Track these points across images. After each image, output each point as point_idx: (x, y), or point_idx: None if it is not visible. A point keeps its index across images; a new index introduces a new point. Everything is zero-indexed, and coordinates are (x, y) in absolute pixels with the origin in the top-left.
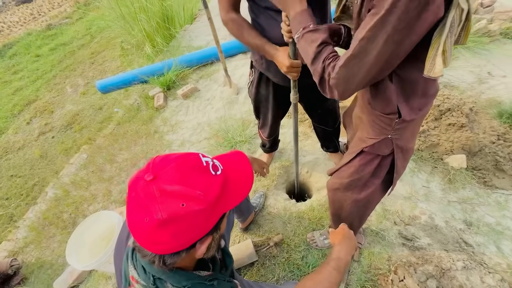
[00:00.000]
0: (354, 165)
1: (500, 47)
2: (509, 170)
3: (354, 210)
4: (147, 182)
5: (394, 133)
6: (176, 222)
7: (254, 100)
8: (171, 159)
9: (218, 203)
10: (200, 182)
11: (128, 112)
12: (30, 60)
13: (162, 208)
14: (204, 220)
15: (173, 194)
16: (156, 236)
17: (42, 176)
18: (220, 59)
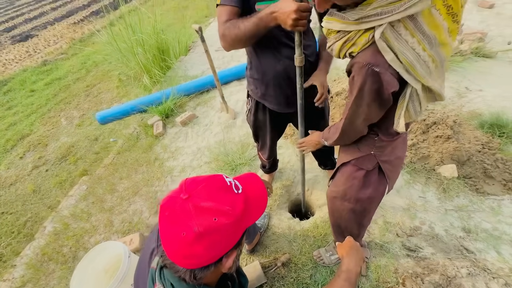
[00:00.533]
0: (346, 173)
1: (472, 64)
2: (497, 176)
3: (352, 218)
4: (184, 200)
5: (376, 150)
6: (210, 235)
7: (252, 126)
8: (200, 181)
9: (243, 217)
10: (227, 199)
11: (128, 141)
12: (24, 95)
13: (198, 222)
14: (232, 233)
15: (206, 210)
16: (191, 250)
17: (35, 211)
18: (216, 87)
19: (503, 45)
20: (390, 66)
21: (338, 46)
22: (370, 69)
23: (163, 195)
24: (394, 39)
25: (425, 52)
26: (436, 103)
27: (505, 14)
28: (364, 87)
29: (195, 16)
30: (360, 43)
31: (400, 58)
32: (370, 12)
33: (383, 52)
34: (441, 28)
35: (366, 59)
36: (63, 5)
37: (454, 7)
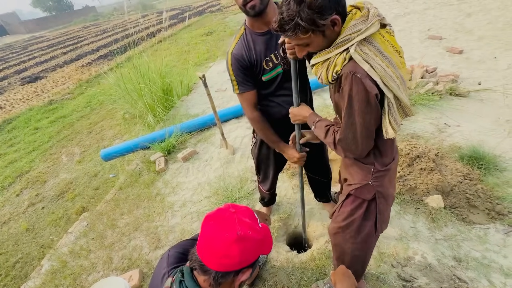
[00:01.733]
0: (347, 209)
1: (448, 102)
2: (480, 205)
3: (355, 254)
4: (232, 213)
5: (374, 180)
6: (245, 241)
7: (256, 159)
8: (240, 206)
9: (263, 243)
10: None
11: (130, 177)
12: (28, 133)
13: (240, 229)
14: (256, 249)
15: (246, 224)
16: (229, 250)
17: (27, 251)
18: (216, 124)
19: (474, 86)
20: (368, 75)
21: (324, 72)
22: (353, 76)
23: (163, 230)
24: (365, 55)
25: (389, 68)
26: (419, 137)
27: (473, 59)
28: (352, 93)
29: (196, 59)
30: (339, 62)
31: (375, 68)
32: (343, 39)
33: (360, 63)
34: (392, 53)
35: (349, 69)
36: (73, 50)
37: (395, 46)
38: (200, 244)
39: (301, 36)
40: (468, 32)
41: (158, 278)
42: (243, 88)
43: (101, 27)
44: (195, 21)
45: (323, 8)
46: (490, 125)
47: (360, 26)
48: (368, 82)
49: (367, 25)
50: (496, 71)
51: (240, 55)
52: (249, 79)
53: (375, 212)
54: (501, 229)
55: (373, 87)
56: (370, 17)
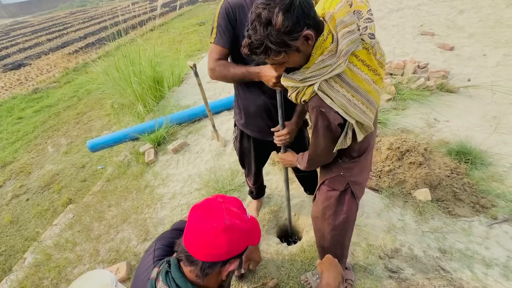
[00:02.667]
0: (323, 194)
1: (439, 98)
2: (466, 199)
3: (334, 238)
4: (219, 202)
5: (345, 172)
6: (232, 231)
7: (238, 152)
8: (228, 196)
9: (250, 233)
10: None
11: (118, 168)
12: (11, 123)
13: (228, 218)
14: (244, 239)
15: (234, 213)
16: (217, 239)
17: (11, 243)
18: (208, 116)
19: (464, 82)
20: (331, 108)
21: (293, 96)
22: (319, 110)
23: (152, 222)
24: (328, 89)
25: (354, 97)
26: (409, 132)
27: (463, 55)
28: (318, 123)
29: (188, 50)
30: (308, 93)
31: (336, 102)
32: (308, 75)
33: (323, 98)
34: (362, 80)
35: (315, 103)
36: (59, 36)
37: (371, 65)
38: (186, 234)
39: (275, 58)
40: (460, 29)
41: (144, 270)
42: (219, 39)
43: (89, 13)
44: (187, 10)
45: (291, 27)
46: (478, 121)
47: (328, 62)
48: (332, 114)
49: (333, 65)
50: (485, 68)
51: (233, 5)
52: (228, 35)
53: (349, 198)
54: (485, 221)
55: (336, 118)
56: (337, 55)
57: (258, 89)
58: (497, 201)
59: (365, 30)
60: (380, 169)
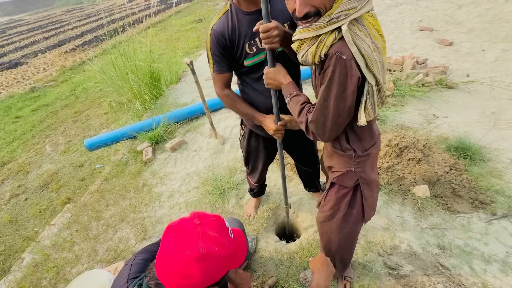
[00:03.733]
0: (332, 198)
1: (437, 94)
2: (465, 195)
3: (341, 242)
4: (196, 225)
5: (356, 167)
6: (208, 260)
7: (245, 151)
8: (208, 215)
9: (231, 257)
10: (225, 236)
11: (116, 167)
12: (8, 122)
13: (203, 246)
14: (222, 266)
15: (211, 238)
16: (189, 269)
17: (10, 243)
18: (206, 114)
19: (463, 77)
20: (353, 57)
21: (312, 51)
22: (339, 57)
23: (150, 221)
24: (354, 35)
25: (375, 53)
26: (408, 128)
27: (462, 51)
28: (334, 75)
29: (186, 47)
30: (329, 41)
31: (362, 51)
32: (336, 15)
33: (349, 44)
34: (378, 39)
35: (336, 49)
36: (56, 34)
37: (380, 30)
38: (158, 260)
39: None
40: (459, 24)
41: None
42: (218, 68)
43: (86, 11)
44: (185, 7)
45: None
46: (477, 116)
47: (354, 4)
48: (352, 64)
49: (361, 3)
50: (484, 64)
51: (221, 33)
52: (226, 61)
53: (360, 200)
54: (484, 217)
55: (356, 71)
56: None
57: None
58: (496, 197)
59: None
60: (379, 165)
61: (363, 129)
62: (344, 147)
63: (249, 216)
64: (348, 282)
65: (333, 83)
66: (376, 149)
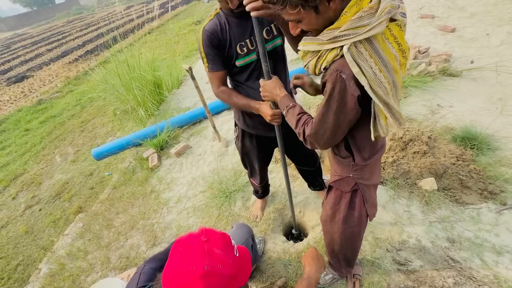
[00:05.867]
0: (332, 198)
1: (441, 83)
2: (473, 186)
3: (343, 242)
4: (203, 241)
5: (354, 173)
6: (212, 277)
7: (240, 152)
8: (216, 232)
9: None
10: (230, 255)
11: (123, 175)
12: (19, 135)
13: (208, 263)
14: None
15: (216, 256)
16: (193, 285)
17: (27, 253)
18: (208, 118)
19: (467, 64)
20: (354, 77)
21: (313, 63)
22: (338, 75)
23: (160, 227)
24: (357, 54)
25: (382, 73)
26: (412, 120)
27: (465, 36)
28: (333, 92)
29: (185, 50)
30: (330, 57)
31: (364, 72)
32: (340, 34)
33: (350, 65)
34: (392, 55)
35: (336, 67)
36: (58, 46)
37: (402, 43)
38: (165, 272)
39: (290, 12)
40: (461, 9)
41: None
42: (213, 66)
43: (86, 20)
44: (182, 10)
45: None
46: (483, 104)
47: (365, 21)
48: (352, 85)
49: (373, 23)
50: (489, 48)
51: (213, 32)
52: (219, 59)
53: (360, 201)
54: (494, 208)
55: (355, 90)
56: (379, 12)
57: (255, 89)
58: (505, 186)
59: (398, 7)
60: (384, 160)
61: (364, 139)
62: (343, 154)
63: (256, 218)
64: (357, 280)
65: (333, 100)
66: (378, 156)
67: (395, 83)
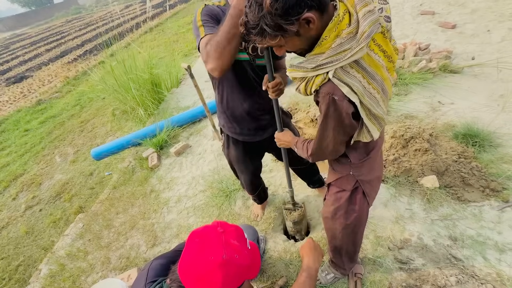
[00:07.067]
0: (333, 195)
1: (442, 80)
2: (475, 183)
3: (345, 236)
4: (220, 232)
5: (354, 171)
6: (229, 267)
7: (228, 161)
8: (230, 225)
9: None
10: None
11: (123, 175)
12: (18, 135)
13: (227, 252)
14: (240, 274)
15: (233, 246)
16: (212, 274)
17: (28, 254)
18: (207, 117)
19: (468, 61)
20: (346, 96)
21: (303, 87)
22: (331, 97)
23: (160, 227)
24: (344, 75)
25: (370, 85)
26: (413, 117)
27: (466, 33)
28: (328, 113)
29: (185, 49)
30: (318, 81)
31: (355, 89)
32: (323, 62)
33: (339, 86)
34: (379, 66)
35: (327, 90)
36: (57, 46)
37: (387, 50)
38: (182, 263)
39: (271, 42)
40: (461, 5)
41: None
42: (210, 29)
43: (85, 20)
44: (181, 8)
45: (287, 10)
46: (484, 100)
47: (346, 46)
48: (345, 104)
49: (354, 47)
50: (490, 45)
51: (213, 10)
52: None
53: (360, 197)
54: (496, 205)
55: (349, 107)
56: (358, 36)
57: (243, 91)
58: (508, 183)
59: (381, 12)
60: (385, 158)
61: (357, 142)
62: (340, 156)
63: (257, 217)
64: (359, 279)
65: (329, 119)
66: (376, 152)
67: (384, 90)
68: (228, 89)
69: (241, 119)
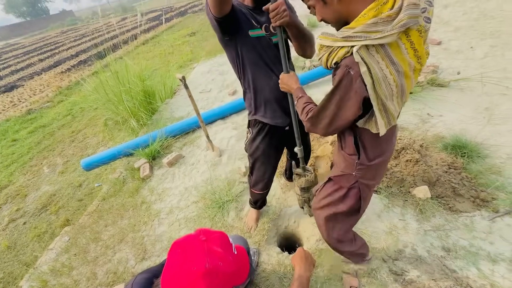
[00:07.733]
0: (328, 189)
1: (430, 93)
2: (465, 194)
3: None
4: (202, 241)
5: (357, 172)
6: (213, 276)
7: (253, 154)
8: (214, 232)
9: (234, 274)
10: (229, 253)
11: (113, 186)
12: (5, 146)
13: (209, 261)
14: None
15: (216, 254)
16: (195, 285)
17: (9, 270)
18: (201, 127)
19: (454, 75)
20: (361, 76)
21: (325, 57)
22: (347, 70)
23: (150, 240)
24: (367, 55)
25: (392, 76)
26: (404, 129)
27: (451, 49)
28: (339, 85)
29: (179, 61)
30: (341, 53)
31: (372, 72)
32: (352, 34)
33: (359, 63)
34: (406, 61)
35: (346, 62)
36: (51, 56)
37: (418, 49)
38: (165, 275)
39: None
40: (446, 23)
41: None
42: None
43: (80, 31)
44: (177, 22)
45: None
46: (471, 113)
47: (379, 27)
48: (358, 83)
49: (385, 31)
50: (474, 60)
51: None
52: None
53: (354, 197)
54: (487, 215)
55: (361, 90)
56: (394, 22)
57: (267, 71)
58: (497, 193)
59: (423, 12)
60: None
61: (371, 139)
62: (349, 150)
63: (250, 229)
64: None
65: (337, 91)
66: (383, 159)
67: (403, 86)
68: (251, 69)
69: (270, 98)
